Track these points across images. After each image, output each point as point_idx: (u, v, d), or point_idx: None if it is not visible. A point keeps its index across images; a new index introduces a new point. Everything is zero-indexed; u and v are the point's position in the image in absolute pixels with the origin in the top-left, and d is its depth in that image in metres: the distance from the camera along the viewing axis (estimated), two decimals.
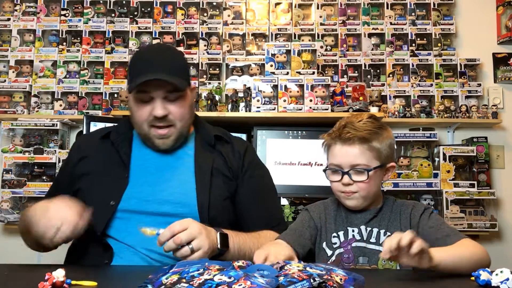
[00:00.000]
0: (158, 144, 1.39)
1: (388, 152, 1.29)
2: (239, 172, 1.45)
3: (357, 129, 1.26)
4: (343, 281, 0.86)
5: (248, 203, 1.45)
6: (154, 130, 1.36)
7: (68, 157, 1.53)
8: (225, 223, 1.36)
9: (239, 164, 1.46)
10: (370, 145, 1.26)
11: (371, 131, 1.27)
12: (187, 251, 1.13)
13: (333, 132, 1.30)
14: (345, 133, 1.26)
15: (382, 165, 1.28)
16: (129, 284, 0.96)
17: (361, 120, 1.29)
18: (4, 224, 2.63)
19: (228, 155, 1.46)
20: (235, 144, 1.49)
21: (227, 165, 1.44)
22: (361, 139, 1.25)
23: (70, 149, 1.57)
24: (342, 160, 1.27)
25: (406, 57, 2.86)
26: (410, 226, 1.26)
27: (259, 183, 1.49)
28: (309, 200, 2.58)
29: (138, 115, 1.36)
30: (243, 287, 0.76)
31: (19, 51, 2.85)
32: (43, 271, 0.86)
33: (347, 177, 1.26)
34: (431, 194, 2.64)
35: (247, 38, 2.89)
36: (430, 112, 2.76)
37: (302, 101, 2.57)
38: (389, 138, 1.31)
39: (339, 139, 1.27)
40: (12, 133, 2.71)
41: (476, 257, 1.12)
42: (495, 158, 2.81)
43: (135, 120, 1.39)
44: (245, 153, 1.48)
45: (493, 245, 2.74)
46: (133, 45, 2.87)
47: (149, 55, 1.40)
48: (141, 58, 1.40)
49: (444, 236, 1.20)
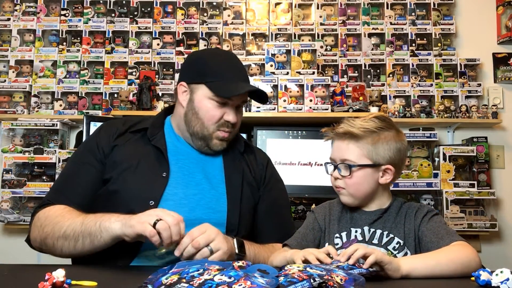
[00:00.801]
0: (215, 145, 1.40)
1: (387, 154, 1.27)
2: (261, 183, 1.48)
3: (352, 126, 1.28)
4: (343, 281, 0.86)
5: (266, 216, 1.46)
6: (220, 132, 1.39)
7: (95, 141, 1.42)
8: (246, 232, 1.38)
9: (262, 176, 1.49)
10: (359, 142, 1.27)
11: (367, 129, 1.27)
12: (207, 252, 1.14)
13: (332, 127, 1.33)
14: (338, 128, 1.30)
15: (374, 165, 1.27)
16: (129, 284, 0.96)
17: (364, 118, 1.31)
18: (4, 224, 2.63)
19: (252, 164, 1.49)
20: (257, 155, 1.53)
21: (251, 174, 1.47)
22: (351, 135, 1.27)
23: (95, 135, 1.46)
24: (335, 154, 1.31)
25: (406, 57, 2.86)
26: (414, 228, 1.26)
27: (278, 198, 1.52)
28: (309, 200, 2.58)
29: (211, 115, 1.37)
30: (243, 287, 0.76)
31: (19, 51, 2.85)
32: (43, 271, 0.86)
33: (336, 171, 1.30)
34: (431, 194, 2.64)
35: (247, 38, 2.89)
36: (430, 112, 2.76)
37: (302, 101, 2.57)
38: (392, 140, 1.28)
39: (335, 134, 1.31)
40: (12, 133, 2.71)
41: (459, 262, 1.10)
42: (495, 158, 2.81)
43: (203, 120, 1.38)
44: (267, 166, 1.53)
45: (493, 245, 2.74)
46: (133, 45, 2.87)
47: (229, 61, 1.43)
48: (222, 63, 1.41)
49: (438, 239, 1.19)
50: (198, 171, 1.40)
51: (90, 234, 1.20)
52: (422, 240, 1.24)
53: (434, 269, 1.08)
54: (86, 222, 1.22)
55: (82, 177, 1.38)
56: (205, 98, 1.37)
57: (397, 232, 1.26)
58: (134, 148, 1.39)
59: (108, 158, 1.38)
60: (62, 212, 1.30)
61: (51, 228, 1.27)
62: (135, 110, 2.64)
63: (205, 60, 1.42)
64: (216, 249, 1.15)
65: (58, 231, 1.25)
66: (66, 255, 1.28)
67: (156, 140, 1.41)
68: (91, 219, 1.22)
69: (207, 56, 1.45)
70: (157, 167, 1.36)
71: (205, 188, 1.38)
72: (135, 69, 2.84)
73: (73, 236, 1.23)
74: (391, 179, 1.30)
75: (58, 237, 1.25)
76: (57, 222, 1.27)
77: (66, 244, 1.24)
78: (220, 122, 1.38)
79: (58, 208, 1.32)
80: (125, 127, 1.45)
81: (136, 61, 2.84)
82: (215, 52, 1.67)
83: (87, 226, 1.21)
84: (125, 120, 1.51)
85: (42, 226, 1.30)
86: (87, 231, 1.21)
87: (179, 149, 1.43)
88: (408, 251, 1.24)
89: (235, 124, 1.40)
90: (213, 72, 1.38)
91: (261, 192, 1.47)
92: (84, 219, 1.23)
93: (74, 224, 1.24)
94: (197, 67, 1.41)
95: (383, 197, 1.32)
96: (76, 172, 1.40)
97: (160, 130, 1.45)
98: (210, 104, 1.37)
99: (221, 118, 1.37)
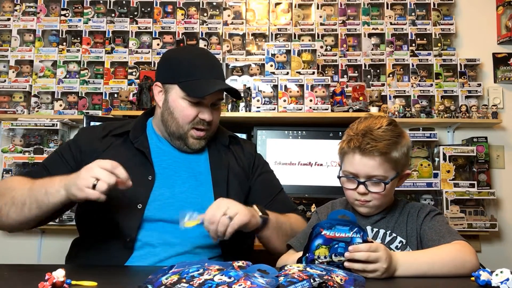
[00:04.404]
0: (192, 144, 1.41)
1: (404, 161, 1.28)
2: (250, 170, 1.49)
3: (377, 140, 1.22)
4: (343, 281, 0.86)
5: (263, 196, 1.47)
6: (194, 131, 1.39)
7: (77, 142, 1.43)
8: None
9: (250, 164, 1.50)
10: (389, 157, 1.23)
11: (390, 141, 1.23)
12: (225, 220, 1.16)
13: (351, 141, 1.25)
14: (365, 144, 1.22)
15: (398, 174, 1.27)
16: (129, 284, 0.96)
17: (380, 127, 1.25)
18: None
19: (239, 155, 1.50)
20: (244, 145, 1.54)
21: (239, 165, 1.47)
22: (381, 152, 1.22)
23: (77, 136, 1.47)
24: (360, 170, 1.24)
25: (406, 57, 2.86)
26: (416, 227, 1.26)
27: (270, 178, 1.55)
28: (309, 200, 2.58)
29: (185, 115, 1.37)
30: (243, 287, 0.76)
31: (19, 51, 2.85)
32: (43, 271, 0.86)
33: (363, 187, 1.24)
34: (431, 194, 2.64)
35: (247, 38, 2.89)
36: (430, 112, 2.76)
37: (302, 101, 2.57)
38: (406, 145, 1.28)
39: (359, 149, 1.23)
40: (12, 133, 2.71)
41: (454, 260, 1.09)
42: (495, 158, 2.81)
43: (177, 120, 1.38)
44: (255, 154, 1.55)
45: (493, 245, 2.74)
46: (133, 45, 2.87)
47: (201, 60, 1.41)
48: (194, 61, 1.39)
49: (439, 237, 1.19)
50: (183, 170, 1.41)
51: (36, 200, 1.21)
52: (424, 238, 1.24)
53: (430, 268, 1.07)
54: (33, 188, 1.23)
55: (54, 169, 1.37)
56: (178, 98, 1.38)
57: (399, 231, 1.26)
58: (117, 153, 1.39)
59: (86, 160, 1.34)
60: (18, 180, 1.31)
61: (2, 192, 1.28)
62: (135, 110, 2.64)
63: (178, 60, 1.42)
64: (234, 213, 1.17)
65: (8, 195, 1.26)
66: (13, 221, 1.26)
67: (139, 143, 1.42)
68: (38, 185, 1.23)
69: (180, 55, 1.44)
70: (142, 170, 1.36)
71: (191, 186, 1.38)
72: (135, 69, 2.84)
73: (20, 201, 1.23)
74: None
75: (6, 201, 1.26)
76: (8, 187, 1.28)
77: (13, 209, 1.25)
78: (195, 121, 1.38)
79: (15, 178, 1.35)
80: (105, 131, 1.45)
81: (136, 61, 2.84)
82: (189, 50, 1.64)
83: (34, 192, 1.22)
84: (104, 125, 1.50)
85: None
86: (34, 197, 1.22)
87: (162, 150, 1.44)
88: (411, 250, 1.24)
89: (211, 122, 1.39)
90: (185, 72, 1.38)
91: (251, 180, 1.48)
92: (32, 185, 1.24)
93: (23, 190, 1.25)
94: (170, 66, 1.42)
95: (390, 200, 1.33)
96: (51, 163, 1.42)
97: (142, 133, 1.45)
98: (184, 103, 1.37)
99: (196, 116, 1.37)
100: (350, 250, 1.01)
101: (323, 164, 2.53)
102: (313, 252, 1.03)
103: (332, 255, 1.02)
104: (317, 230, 1.04)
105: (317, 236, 1.04)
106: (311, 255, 1.04)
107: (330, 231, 1.03)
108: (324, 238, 1.03)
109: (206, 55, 1.45)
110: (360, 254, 1.01)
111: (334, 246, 1.02)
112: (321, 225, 1.05)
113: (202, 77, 1.36)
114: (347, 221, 1.04)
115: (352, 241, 1.02)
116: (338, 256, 1.02)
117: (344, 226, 1.03)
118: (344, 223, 1.04)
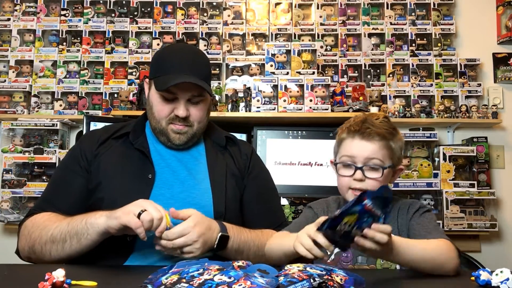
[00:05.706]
0: (174, 138, 1.39)
1: (399, 154, 1.29)
2: (245, 172, 1.49)
3: (376, 126, 1.25)
4: (343, 281, 0.86)
5: (253, 203, 1.47)
6: (173, 125, 1.38)
7: (79, 150, 1.43)
8: (234, 223, 1.37)
9: (246, 166, 1.49)
10: (387, 143, 1.25)
11: (388, 130, 1.26)
12: (177, 253, 1.19)
13: (351, 126, 1.27)
14: (364, 128, 1.24)
15: (393, 166, 1.28)
16: (129, 284, 0.96)
17: (377, 119, 1.29)
18: (4, 224, 2.63)
19: (236, 156, 1.49)
20: (241, 147, 1.53)
21: (235, 165, 1.47)
22: (381, 136, 1.24)
23: (78, 144, 1.48)
24: (358, 154, 1.24)
25: (406, 57, 2.86)
26: (406, 223, 1.26)
27: (263, 184, 1.53)
28: (309, 200, 2.58)
29: (159, 110, 1.37)
30: (243, 287, 0.76)
31: (19, 51, 2.85)
32: (43, 271, 0.86)
33: (360, 173, 1.23)
34: (431, 194, 2.64)
35: (247, 38, 2.89)
36: (430, 112, 2.76)
37: (302, 101, 2.57)
38: (401, 140, 1.30)
39: (358, 133, 1.25)
40: (12, 133, 2.71)
41: (439, 259, 1.09)
42: (495, 158, 2.81)
43: (154, 115, 1.39)
44: (251, 155, 1.53)
45: (493, 245, 2.74)
46: (133, 45, 2.87)
47: (179, 55, 1.40)
48: (171, 57, 1.39)
49: (426, 233, 1.20)
50: (181, 169, 1.41)
51: (77, 233, 1.20)
52: (411, 233, 1.24)
53: (424, 254, 1.08)
54: (72, 222, 1.22)
55: (68, 185, 1.38)
56: (154, 93, 1.38)
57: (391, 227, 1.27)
58: (118, 154, 1.40)
59: (92, 166, 1.38)
60: (49, 217, 1.30)
61: (38, 233, 1.26)
62: (135, 110, 2.64)
63: (160, 56, 1.42)
64: (188, 252, 1.19)
65: (45, 235, 1.25)
66: (56, 259, 1.26)
67: (139, 143, 1.42)
68: (77, 218, 1.22)
69: (163, 52, 1.45)
70: (142, 170, 1.37)
71: (190, 185, 1.38)
72: (135, 69, 2.84)
73: (61, 238, 1.22)
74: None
75: (46, 241, 1.25)
76: (44, 227, 1.27)
77: (54, 247, 1.24)
78: (171, 116, 1.37)
79: (45, 214, 1.32)
80: (107, 134, 1.45)
81: (136, 61, 2.84)
82: (174, 47, 1.63)
83: (74, 225, 1.21)
84: (107, 128, 1.50)
85: (29, 233, 1.29)
86: (74, 230, 1.21)
87: (160, 150, 1.44)
88: None
89: (187, 119, 1.37)
90: (161, 67, 1.38)
91: (245, 181, 1.47)
92: (70, 220, 1.24)
93: (61, 226, 1.23)
94: (154, 62, 1.43)
95: None
96: (62, 180, 1.41)
97: (142, 133, 1.46)
98: (159, 98, 1.37)
99: (172, 112, 1.37)
100: (374, 228, 0.99)
101: (323, 164, 2.53)
102: (345, 216, 0.99)
103: (356, 226, 1.00)
104: (363, 196, 0.99)
105: (359, 203, 0.99)
106: (339, 219, 0.99)
107: (371, 203, 0.99)
108: (363, 207, 0.99)
109: (187, 51, 1.44)
110: (380, 235, 1.00)
111: (363, 219, 1.00)
112: (368, 194, 0.99)
113: (172, 72, 1.35)
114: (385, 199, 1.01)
115: (379, 221, 1.01)
116: (357, 230, 1.00)
117: (380, 204, 1.00)
118: (382, 201, 1.01)
